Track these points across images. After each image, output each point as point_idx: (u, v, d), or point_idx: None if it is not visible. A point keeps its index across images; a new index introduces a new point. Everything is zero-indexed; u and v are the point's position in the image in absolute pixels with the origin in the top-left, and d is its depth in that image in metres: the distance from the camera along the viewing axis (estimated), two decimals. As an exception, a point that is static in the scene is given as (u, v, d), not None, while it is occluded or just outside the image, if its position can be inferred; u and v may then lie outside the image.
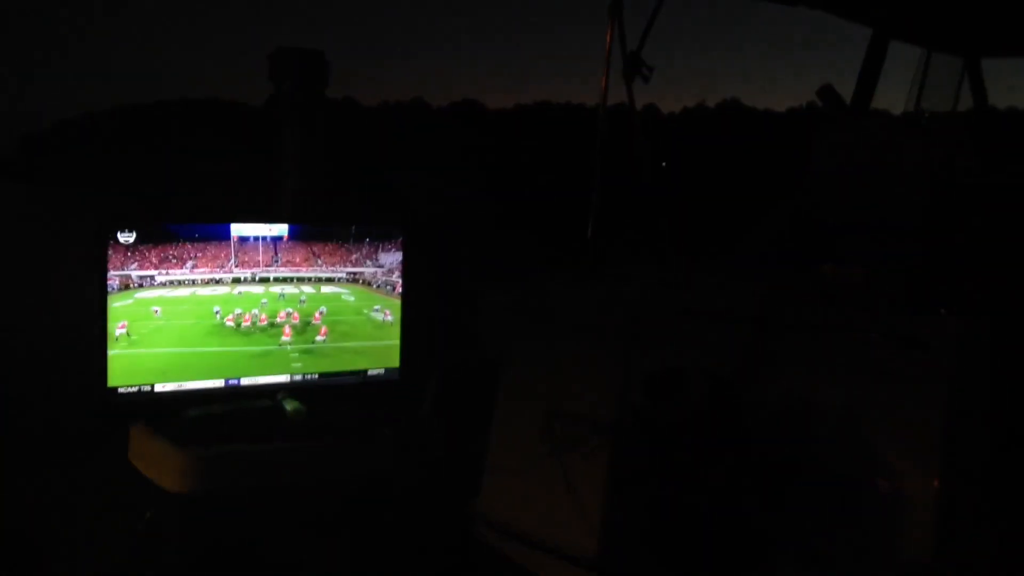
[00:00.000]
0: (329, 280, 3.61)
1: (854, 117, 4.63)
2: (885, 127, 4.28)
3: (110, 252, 3.16)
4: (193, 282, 3.36)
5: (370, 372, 3.62)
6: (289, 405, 3.39)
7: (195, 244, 3.37)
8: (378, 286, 3.66)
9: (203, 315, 3.38)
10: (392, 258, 3.66)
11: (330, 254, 3.60)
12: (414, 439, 3.68)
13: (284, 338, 3.50)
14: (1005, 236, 3.55)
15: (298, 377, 3.50)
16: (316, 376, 3.53)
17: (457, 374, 4.14)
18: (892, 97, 5.42)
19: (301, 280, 3.56)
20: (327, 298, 3.61)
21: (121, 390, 3.19)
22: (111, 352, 3.16)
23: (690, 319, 3.09)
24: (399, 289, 3.66)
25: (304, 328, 3.54)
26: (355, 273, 3.64)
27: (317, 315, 3.57)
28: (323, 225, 3.63)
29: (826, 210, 3.73)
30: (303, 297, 3.57)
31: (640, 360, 3.09)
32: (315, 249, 3.59)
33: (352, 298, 3.64)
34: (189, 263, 3.35)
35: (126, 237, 3.18)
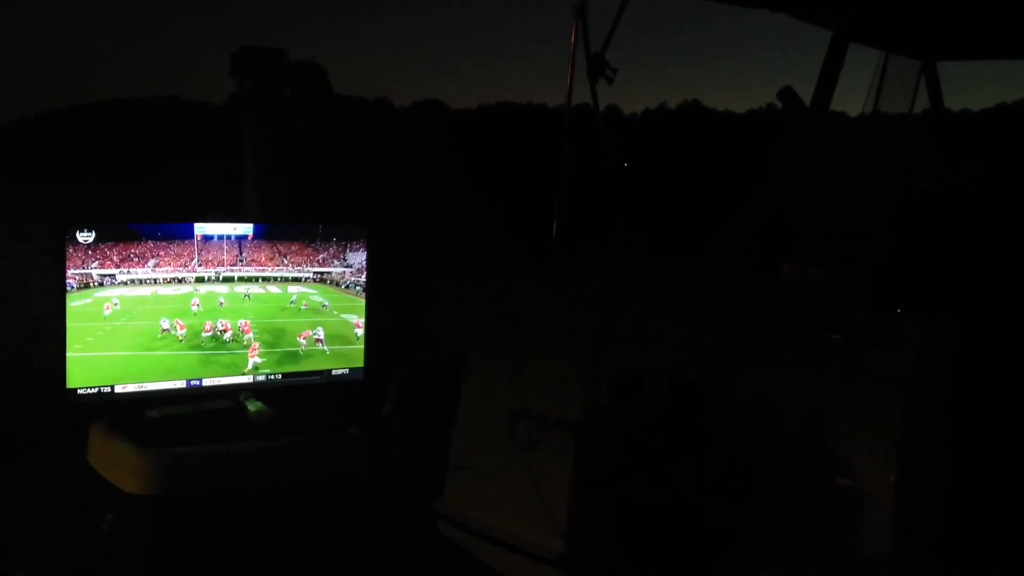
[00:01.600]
0: (296, 280, 3.58)
1: (814, 119, 4.69)
2: (845, 128, 4.34)
3: (69, 251, 3.11)
4: (155, 281, 3.31)
5: (334, 372, 3.60)
6: (252, 406, 3.36)
7: (157, 243, 3.32)
8: (347, 286, 3.63)
9: (162, 315, 3.32)
10: (360, 257, 3.64)
11: (296, 253, 3.57)
12: (378, 439, 3.67)
13: (252, 359, 3.44)
14: (963, 237, 3.61)
15: (261, 378, 3.48)
16: (279, 376, 3.51)
17: (421, 374, 4.13)
18: (851, 99, 5.48)
19: (267, 280, 3.52)
20: (321, 313, 3.57)
21: (80, 391, 3.14)
22: (72, 354, 3.10)
23: (654, 319, 3.11)
24: None
25: (278, 341, 3.50)
26: (322, 273, 3.62)
27: (307, 333, 3.53)
28: (287, 225, 3.60)
29: (787, 211, 3.77)
30: (293, 297, 3.54)
31: (605, 360, 3.10)
32: (281, 248, 3.55)
33: (321, 298, 3.61)
34: (151, 261, 3.31)
35: (85, 237, 3.14)
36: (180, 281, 3.36)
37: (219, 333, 3.39)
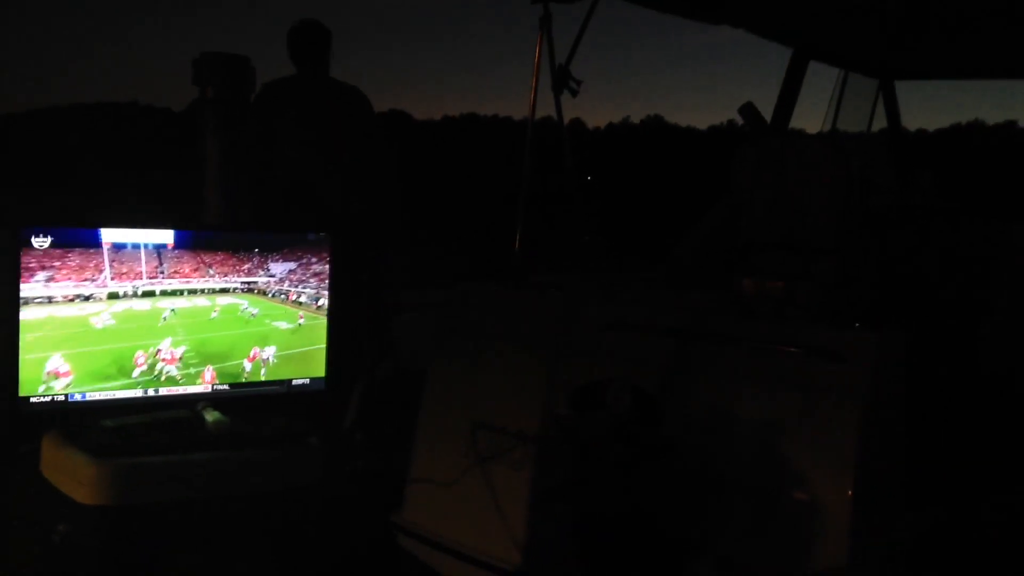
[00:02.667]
0: (224, 291, 3.37)
1: (774, 135, 4.75)
2: (804, 145, 4.40)
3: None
4: (50, 300, 2.79)
5: (294, 382, 3.56)
6: (210, 416, 3.32)
7: (52, 250, 2.81)
8: (273, 295, 3.51)
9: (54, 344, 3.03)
10: (282, 267, 3.50)
11: (221, 263, 3.35)
12: (337, 450, 3.64)
13: (204, 384, 3.36)
14: (917, 253, 3.67)
15: (220, 387, 3.43)
16: (239, 386, 3.47)
17: (381, 384, 4.11)
18: (810, 116, 5.57)
19: (193, 292, 3.26)
20: (250, 323, 3.47)
21: (33, 399, 3.09)
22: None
23: (614, 331, 3.12)
24: (292, 297, 3.55)
25: (225, 361, 3.40)
26: (249, 283, 3.44)
27: (255, 354, 3.42)
28: (218, 232, 3.48)
29: (746, 225, 3.81)
30: (247, 308, 3.48)
31: (564, 372, 3.11)
32: (206, 258, 3.30)
33: (251, 308, 3.49)
34: (41, 274, 2.78)
35: (40, 242, 3.07)
36: (87, 299, 2.93)
37: (155, 362, 3.22)
